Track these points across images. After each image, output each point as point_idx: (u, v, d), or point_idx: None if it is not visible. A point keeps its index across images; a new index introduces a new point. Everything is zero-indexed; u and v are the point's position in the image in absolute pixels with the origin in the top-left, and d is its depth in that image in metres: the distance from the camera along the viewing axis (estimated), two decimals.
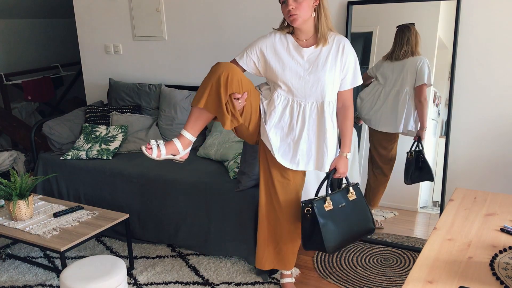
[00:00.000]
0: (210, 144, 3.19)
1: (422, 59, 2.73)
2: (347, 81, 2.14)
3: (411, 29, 2.74)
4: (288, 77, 2.09)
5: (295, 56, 2.10)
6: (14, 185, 2.59)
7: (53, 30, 5.95)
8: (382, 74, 2.85)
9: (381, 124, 2.88)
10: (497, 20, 2.60)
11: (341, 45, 2.09)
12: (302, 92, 2.10)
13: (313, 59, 2.09)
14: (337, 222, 2.12)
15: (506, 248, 1.48)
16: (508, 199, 1.88)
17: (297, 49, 2.10)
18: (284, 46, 2.12)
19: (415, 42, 2.73)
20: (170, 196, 2.92)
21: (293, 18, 2.01)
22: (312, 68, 2.08)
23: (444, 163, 2.80)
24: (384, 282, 2.54)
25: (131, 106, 3.72)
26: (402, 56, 2.77)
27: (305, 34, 2.10)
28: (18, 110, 5.20)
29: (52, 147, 3.56)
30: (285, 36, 2.13)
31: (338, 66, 2.09)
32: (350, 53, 2.11)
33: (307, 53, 2.09)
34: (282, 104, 2.14)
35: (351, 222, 2.17)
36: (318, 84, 2.08)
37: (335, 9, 3.03)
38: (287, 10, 2.01)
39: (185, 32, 3.67)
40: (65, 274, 2.14)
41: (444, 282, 1.31)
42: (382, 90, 2.85)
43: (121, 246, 3.09)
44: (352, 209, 2.18)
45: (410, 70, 2.76)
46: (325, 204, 2.12)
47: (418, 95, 2.75)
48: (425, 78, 2.73)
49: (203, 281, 2.62)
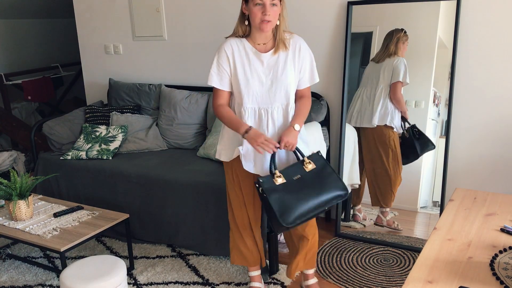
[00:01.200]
0: (210, 144, 3.19)
1: (399, 59, 2.80)
2: (305, 80, 2.17)
3: (394, 35, 2.81)
4: (251, 84, 2.09)
5: (255, 62, 2.09)
6: (14, 185, 2.59)
7: (53, 30, 5.95)
8: (366, 75, 2.94)
9: (364, 121, 2.96)
10: (497, 20, 2.60)
11: (297, 46, 2.11)
12: (267, 98, 2.10)
13: (272, 64, 2.09)
14: (294, 194, 2.03)
15: (506, 248, 1.48)
16: (508, 199, 1.88)
17: (256, 54, 2.09)
18: (243, 52, 2.10)
19: (394, 47, 2.81)
20: (170, 196, 2.92)
21: (267, 24, 1.99)
22: (273, 73, 2.09)
23: (444, 163, 2.80)
24: (384, 282, 2.54)
25: (131, 106, 3.72)
26: (378, 59, 2.87)
27: (264, 39, 2.09)
28: (18, 110, 5.20)
29: (52, 147, 3.56)
30: (240, 41, 2.11)
31: (296, 67, 2.12)
32: (306, 52, 2.13)
33: (266, 58, 2.09)
34: (250, 116, 2.12)
35: (312, 191, 2.06)
36: (281, 89, 2.09)
37: (335, 9, 3.03)
38: (263, 15, 1.97)
39: (185, 32, 3.67)
40: (65, 274, 2.14)
41: (444, 282, 1.31)
42: (364, 90, 2.94)
43: (121, 246, 3.08)
44: (312, 178, 2.08)
45: (387, 68, 2.84)
46: (274, 178, 2.04)
47: (392, 92, 2.83)
48: (400, 76, 2.79)
49: (203, 281, 2.62)
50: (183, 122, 3.48)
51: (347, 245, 2.96)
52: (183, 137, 3.50)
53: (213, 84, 2.15)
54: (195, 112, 3.48)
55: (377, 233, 2.98)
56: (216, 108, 2.18)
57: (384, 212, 2.96)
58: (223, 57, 2.11)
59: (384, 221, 2.96)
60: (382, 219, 2.96)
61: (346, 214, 3.10)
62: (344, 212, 3.11)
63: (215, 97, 2.19)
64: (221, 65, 2.12)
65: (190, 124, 3.49)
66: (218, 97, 2.17)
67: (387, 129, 2.89)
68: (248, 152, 2.15)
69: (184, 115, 3.48)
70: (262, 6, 1.97)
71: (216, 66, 2.13)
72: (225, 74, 2.13)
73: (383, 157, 2.91)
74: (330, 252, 2.88)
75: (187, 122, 3.48)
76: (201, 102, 3.48)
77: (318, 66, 3.13)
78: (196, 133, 3.50)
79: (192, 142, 3.50)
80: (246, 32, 2.11)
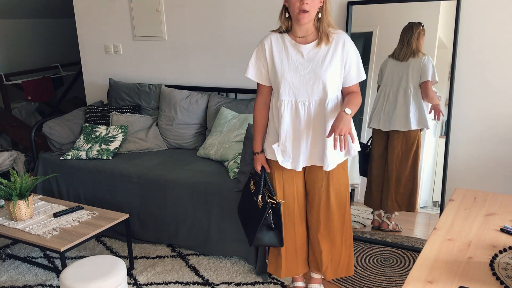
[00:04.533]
0: (210, 144, 3.19)
1: (425, 57, 2.72)
2: (351, 76, 2.11)
3: (413, 29, 2.73)
4: (289, 76, 2.07)
5: (294, 54, 2.07)
6: (14, 185, 2.59)
7: (53, 30, 5.95)
8: (389, 73, 2.83)
9: (393, 124, 2.84)
10: (497, 20, 2.60)
11: (340, 41, 2.06)
12: (304, 90, 2.06)
13: (312, 57, 2.06)
14: (246, 204, 2.30)
15: (506, 248, 1.48)
16: (508, 199, 1.88)
17: (295, 46, 2.07)
18: (281, 45, 2.10)
19: (416, 43, 2.72)
20: (170, 196, 2.92)
21: (305, 14, 1.96)
22: (312, 66, 2.05)
23: (444, 163, 2.79)
24: (384, 282, 2.54)
25: (131, 106, 3.72)
26: (402, 57, 2.77)
27: (304, 32, 2.07)
28: (18, 110, 5.20)
29: (52, 147, 3.56)
30: (281, 36, 2.11)
31: (338, 62, 2.06)
32: (351, 48, 2.08)
33: (307, 50, 2.06)
34: (287, 108, 2.10)
35: (248, 216, 2.28)
36: (320, 82, 2.04)
37: (335, 9, 3.03)
38: (301, 4, 1.95)
39: (185, 32, 3.67)
40: (65, 274, 2.14)
41: (444, 282, 1.31)
42: (390, 90, 2.83)
43: (121, 246, 3.08)
44: (254, 210, 2.23)
45: (415, 68, 2.75)
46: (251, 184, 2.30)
47: (424, 92, 2.74)
48: (428, 75, 2.73)
49: (203, 281, 2.62)
50: (183, 122, 3.48)
51: None
52: (183, 137, 3.50)
53: (248, 75, 2.17)
54: (195, 112, 3.48)
55: (377, 233, 2.98)
56: (255, 107, 2.24)
57: (389, 217, 2.94)
58: (262, 51, 2.13)
59: (390, 226, 2.95)
60: (388, 224, 2.95)
61: None
62: None
63: (257, 93, 2.25)
64: (259, 58, 2.14)
65: (190, 124, 3.49)
66: (258, 92, 2.23)
67: (416, 132, 2.80)
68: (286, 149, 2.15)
69: (184, 115, 3.48)
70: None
71: (254, 58, 2.16)
72: (262, 68, 2.14)
73: (410, 161, 2.83)
74: None
75: (187, 122, 3.48)
76: (201, 102, 3.48)
77: None
78: (196, 133, 3.50)
79: (192, 142, 3.50)
80: (288, 26, 2.09)
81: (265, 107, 2.22)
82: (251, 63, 2.17)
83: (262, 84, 2.18)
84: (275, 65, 2.10)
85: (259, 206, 2.18)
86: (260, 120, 2.22)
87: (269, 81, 2.17)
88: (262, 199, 2.18)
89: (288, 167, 2.16)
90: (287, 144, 2.13)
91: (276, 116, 2.15)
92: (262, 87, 2.20)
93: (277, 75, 2.09)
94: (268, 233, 2.20)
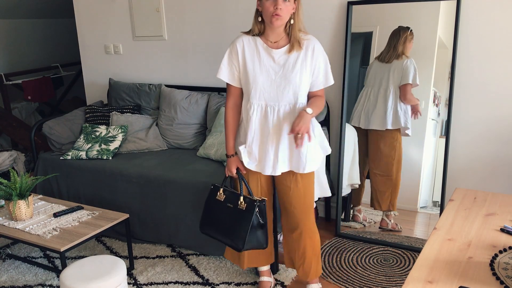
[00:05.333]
0: (210, 144, 3.19)
1: (408, 60, 2.77)
2: (319, 82, 2.14)
3: (401, 34, 2.78)
4: (260, 80, 2.08)
5: (265, 58, 2.09)
6: (14, 185, 2.59)
7: (53, 30, 5.95)
8: (372, 75, 2.90)
9: (371, 123, 2.92)
10: (497, 20, 2.60)
11: (310, 47, 2.08)
12: (275, 95, 2.09)
13: (283, 62, 2.08)
14: (217, 215, 2.25)
15: (506, 248, 1.48)
16: (508, 199, 1.88)
17: (267, 50, 2.09)
18: (253, 48, 2.10)
19: (402, 47, 2.78)
20: (170, 196, 2.92)
21: (278, 17, 1.98)
22: (283, 71, 2.08)
23: (444, 163, 2.80)
24: (384, 282, 2.54)
25: (131, 106, 3.72)
26: (387, 59, 2.83)
27: (276, 36, 2.08)
28: (18, 110, 5.20)
29: (52, 147, 3.56)
30: (253, 39, 2.12)
31: (308, 68, 2.09)
32: (320, 54, 2.11)
33: (278, 54, 2.08)
34: (256, 111, 2.12)
35: (226, 225, 2.21)
36: (290, 87, 2.07)
37: (335, 9, 3.03)
38: (275, 9, 1.97)
39: (185, 32, 3.67)
40: (65, 274, 2.14)
41: (444, 282, 1.31)
42: (372, 90, 2.89)
43: (121, 246, 3.09)
44: (235, 215, 2.19)
45: (397, 70, 2.81)
46: (218, 193, 2.27)
47: (402, 94, 2.80)
48: (409, 78, 2.76)
49: (203, 281, 2.62)
50: (183, 122, 3.48)
51: (347, 245, 2.96)
52: (183, 137, 3.50)
53: (221, 77, 2.17)
54: (195, 112, 3.48)
55: (377, 233, 2.98)
56: (225, 108, 2.23)
57: (388, 215, 2.95)
58: (234, 52, 2.13)
59: (389, 224, 2.95)
60: (387, 223, 2.95)
61: (346, 214, 3.10)
62: (344, 212, 3.11)
63: (227, 94, 2.23)
64: (231, 59, 2.14)
65: (190, 124, 3.49)
66: (229, 93, 2.21)
67: (395, 132, 2.86)
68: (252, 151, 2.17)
69: (184, 115, 3.48)
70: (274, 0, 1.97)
71: (227, 59, 2.15)
72: (235, 69, 2.14)
73: (389, 160, 2.89)
74: (330, 252, 2.88)
75: (187, 122, 3.48)
76: (201, 102, 3.48)
77: None
78: (196, 133, 3.50)
79: (192, 142, 3.50)
80: (261, 30, 2.10)
81: (237, 108, 2.22)
82: (223, 64, 2.16)
83: (234, 85, 2.18)
84: (247, 67, 2.11)
85: (243, 208, 2.17)
86: (234, 122, 2.22)
87: (240, 83, 2.17)
88: (244, 200, 2.18)
89: (253, 169, 2.19)
90: (254, 146, 2.16)
91: (245, 118, 2.17)
92: (234, 88, 2.19)
93: (248, 78, 2.10)
94: (256, 234, 2.18)
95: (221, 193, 2.26)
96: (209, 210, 2.30)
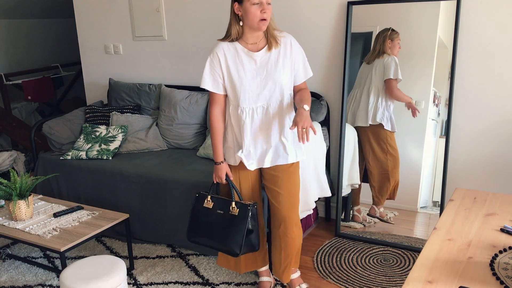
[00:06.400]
0: (210, 144, 3.18)
1: (390, 57, 2.83)
2: (299, 75, 2.19)
3: (380, 34, 2.85)
4: (246, 85, 2.10)
5: (247, 62, 2.10)
6: (14, 185, 2.59)
7: (53, 30, 5.94)
8: (359, 76, 2.97)
9: (358, 120, 3.00)
10: (497, 20, 2.60)
11: (288, 43, 2.13)
12: (262, 96, 2.12)
13: (265, 62, 2.11)
14: (207, 222, 2.23)
15: (506, 248, 1.48)
16: (508, 199, 1.88)
17: (248, 54, 2.10)
18: (234, 54, 2.11)
19: (381, 46, 2.85)
20: (170, 196, 2.92)
21: (265, 22, 2.01)
22: (267, 71, 2.11)
23: (444, 163, 2.80)
24: (384, 282, 2.54)
25: (131, 106, 3.72)
26: (370, 60, 2.90)
27: (256, 38, 2.10)
28: (18, 110, 5.20)
29: (52, 147, 3.56)
30: (232, 44, 2.12)
31: (289, 63, 2.13)
32: (297, 49, 2.16)
33: (259, 56, 2.10)
34: (248, 115, 2.14)
35: (219, 232, 2.20)
36: (276, 85, 2.11)
37: (335, 9, 3.03)
38: (262, 13, 1.98)
39: (185, 32, 3.67)
40: (65, 274, 2.14)
41: (444, 282, 1.31)
42: (358, 91, 2.97)
43: (121, 246, 3.08)
44: (227, 221, 2.19)
45: (378, 67, 2.87)
46: (205, 201, 2.25)
47: (388, 90, 2.86)
48: (390, 73, 2.82)
49: (203, 281, 2.62)
50: (183, 122, 3.48)
51: (347, 245, 2.96)
52: (183, 137, 3.50)
53: (206, 87, 2.16)
54: (195, 112, 3.48)
55: (377, 233, 2.98)
56: (211, 116, 2.21)
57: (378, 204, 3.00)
58: (216, 61, 2.13)
59: (377, 212, 2.98)
60: (375, 210, 2.98)
61: (346, 214, 3.10)
62: (344, 212, 3.11)
63: (210, 102, 2.21)
64: (213, 68, 2.14)
65: (190, 124, 3.49)
66: (214, 101, 2.19)
67: (383, 129, 2.90)
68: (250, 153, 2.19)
69: (184, 115, 3.48)
70: (260, 5, 1.99)
71: (208, 69, 2.15)
72: (218, 77, 2.14)
73: (381, 155, 2.92)
74: (330, 252, 2.88)
75: (187, 122, 3.48)
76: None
77: (318, 66, 3.14)
78: (196, 133, 3.50)
79: (192, 142, 3.50)
80: (239, 34, 2.11)
81: (223, 115, 2.22)
82: (205, 73, 2.15)
83: (219, 93, 2.18)
84: (231, 75, 2.11)
85: (235, 213, 2.17)
86: (220, 130, 2.22)
87: (225, 90, 2.17)
88: (236, 205, 2.19)
89: (253, 168, 2.21)
90: (251, 149, 2.18)
91: (237, 124, 2.18)
92: (218, 96, 2.18)
93: (235, 85, 2.11)
94: (249, 237, 2.19)
95: (209, 200, 2.26)
96: (196, 218, 2.28)
